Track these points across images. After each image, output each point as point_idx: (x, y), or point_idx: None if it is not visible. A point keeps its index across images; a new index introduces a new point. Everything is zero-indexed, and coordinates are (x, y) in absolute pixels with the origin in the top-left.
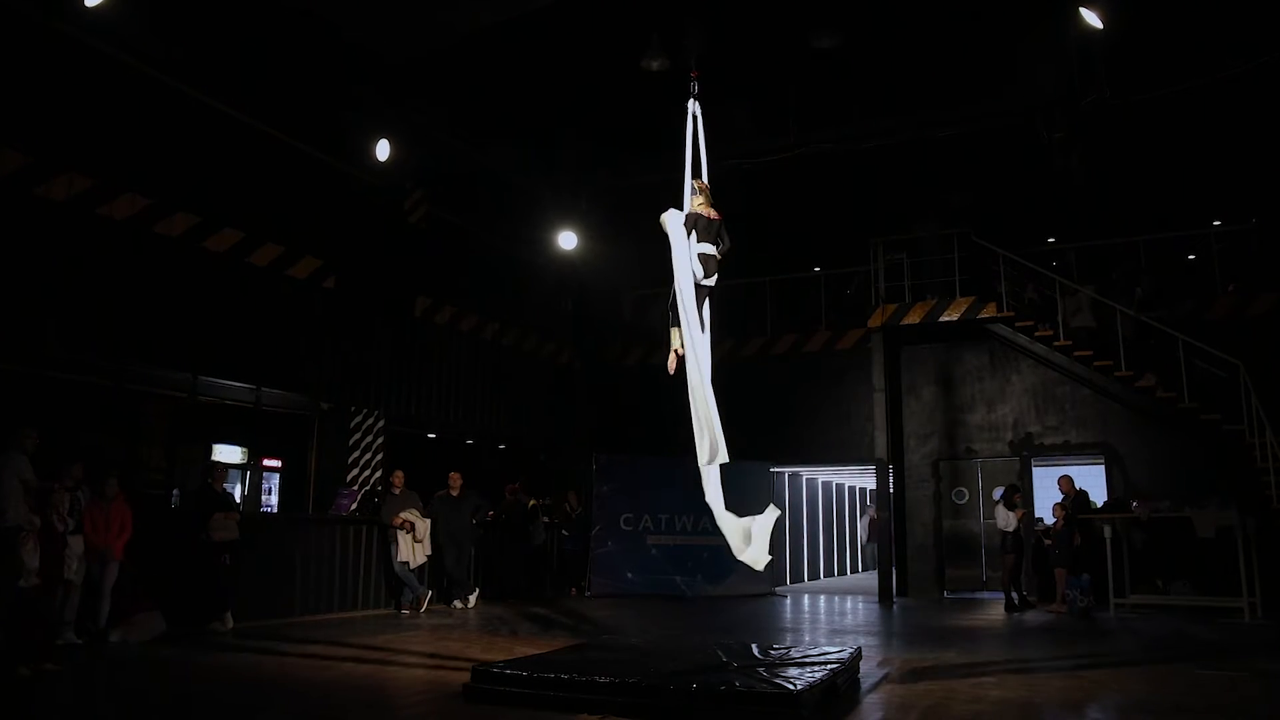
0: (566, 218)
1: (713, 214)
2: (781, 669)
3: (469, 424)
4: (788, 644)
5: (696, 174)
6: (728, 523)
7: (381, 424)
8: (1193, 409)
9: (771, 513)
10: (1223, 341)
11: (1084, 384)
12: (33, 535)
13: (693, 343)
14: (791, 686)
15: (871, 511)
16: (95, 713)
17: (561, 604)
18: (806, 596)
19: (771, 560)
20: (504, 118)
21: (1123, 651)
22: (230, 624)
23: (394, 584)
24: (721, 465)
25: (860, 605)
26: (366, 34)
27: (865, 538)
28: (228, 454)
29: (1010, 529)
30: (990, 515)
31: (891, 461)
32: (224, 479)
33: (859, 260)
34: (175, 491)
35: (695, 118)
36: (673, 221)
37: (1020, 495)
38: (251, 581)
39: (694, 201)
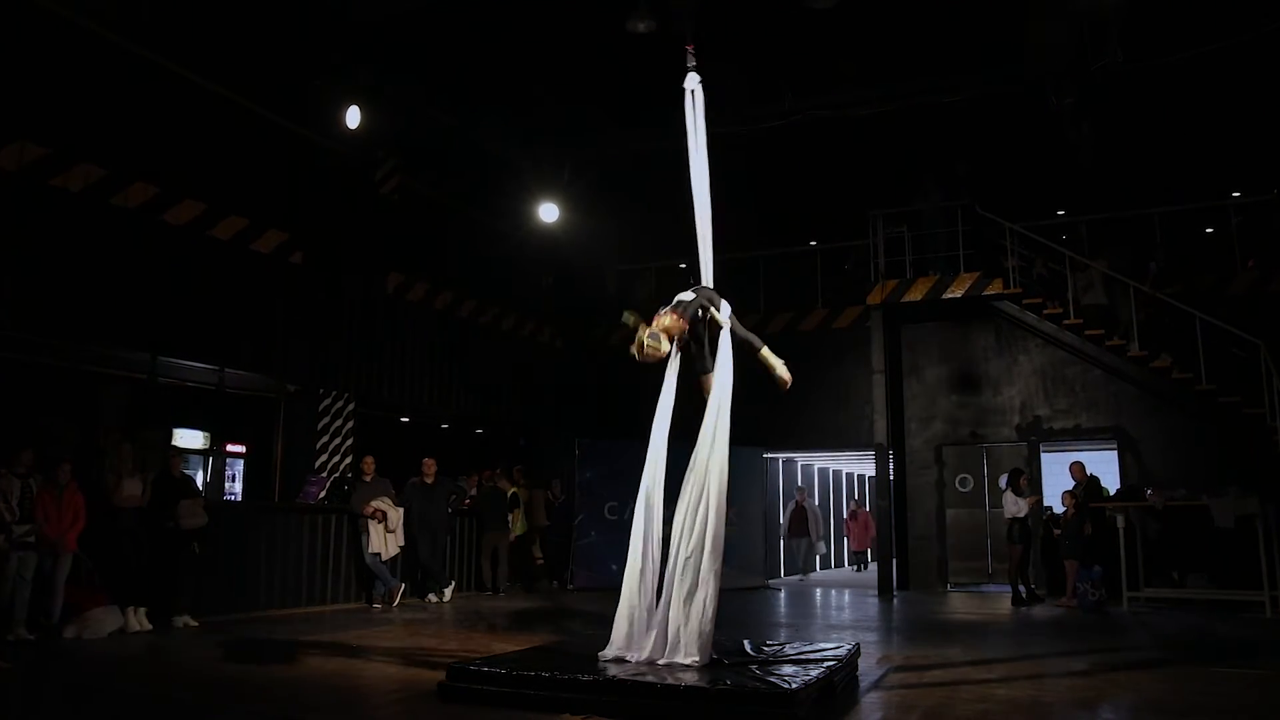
0: (547, 189)
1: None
2: (776, 666)
3: (444, 407)
4: (782, 640)
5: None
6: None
7: (351, 407)
8: (1210, 391)
9: None
10: (1242, 319)
11: (1095, 365)
12: None
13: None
14: (786, 685)
15: (799, 497)
16: (47, 713)
17: (542, 597)
18: (802, 590)
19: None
20: (482, 83)
21: (1136, 648)
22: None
23: (365, 576)
24: None
25: (859, 599)
26: None
27: (786, 530)
28: (189, 439)
29: (1021, 515)
30: (997, 503)
31: (892, 447)
32: (181, 464)
33: (857, 234)
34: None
35: (693, 94)
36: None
37: (1028, 479)
38: (215, 574)
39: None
